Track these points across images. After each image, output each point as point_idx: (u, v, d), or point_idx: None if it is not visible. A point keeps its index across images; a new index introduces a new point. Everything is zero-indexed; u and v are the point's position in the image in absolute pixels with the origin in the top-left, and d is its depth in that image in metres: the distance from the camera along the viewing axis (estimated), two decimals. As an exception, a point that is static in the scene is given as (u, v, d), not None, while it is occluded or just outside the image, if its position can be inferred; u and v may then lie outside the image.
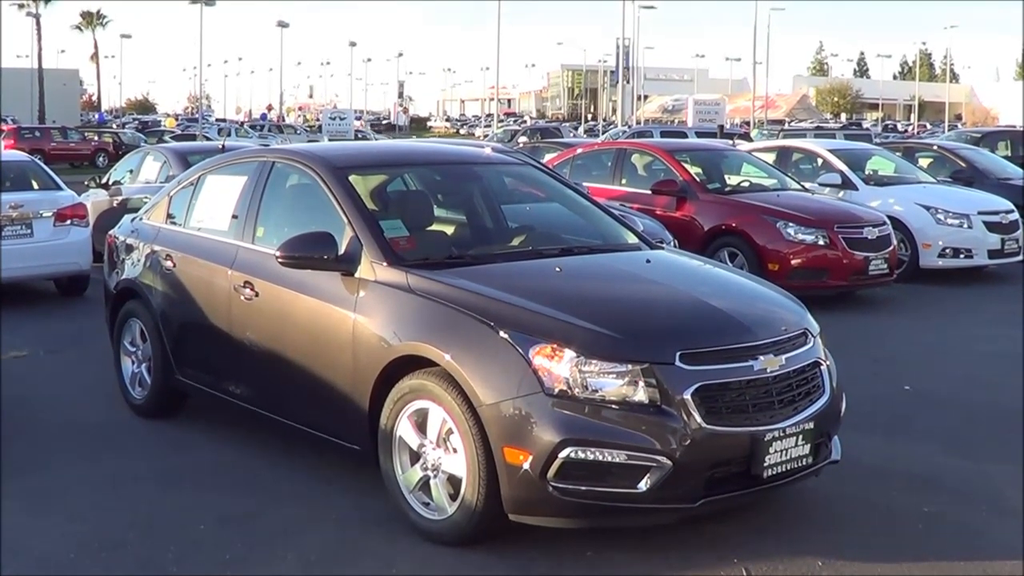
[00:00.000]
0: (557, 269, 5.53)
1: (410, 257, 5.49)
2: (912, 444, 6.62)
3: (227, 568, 4.80)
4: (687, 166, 12.95)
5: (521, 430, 4.59)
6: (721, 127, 40.05)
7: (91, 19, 78.46)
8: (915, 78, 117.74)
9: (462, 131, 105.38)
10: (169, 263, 6.87)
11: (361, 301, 5.36)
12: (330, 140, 59.35)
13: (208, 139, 48.67)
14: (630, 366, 4.60)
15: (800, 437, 4.88)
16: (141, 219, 7.60)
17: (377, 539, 5.08)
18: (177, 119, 74.84)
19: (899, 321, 11.10)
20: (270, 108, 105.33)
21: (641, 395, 4.59)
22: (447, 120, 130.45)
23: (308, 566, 4.82)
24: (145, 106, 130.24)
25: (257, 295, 6.01)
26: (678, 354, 4.66)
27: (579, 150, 15.07)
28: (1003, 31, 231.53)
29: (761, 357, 4.85)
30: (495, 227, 6.52)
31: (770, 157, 15.33)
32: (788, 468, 4.86)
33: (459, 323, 4.90)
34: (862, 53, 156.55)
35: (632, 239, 6.35)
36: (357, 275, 5.42)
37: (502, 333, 4.74)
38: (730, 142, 21.45)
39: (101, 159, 46.31)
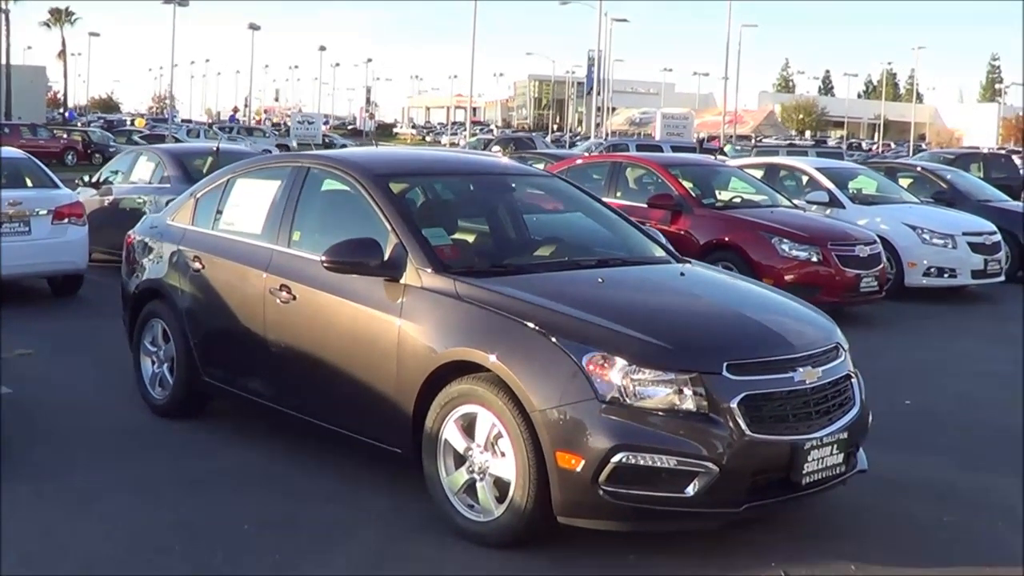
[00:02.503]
0: (599, 280, 5.69)
1: (456, 265, 5.63)
2: (922, 457, 6.82)
3: (279, 569, 4.89)
4: (682, 181, 13.15)
5: (574, 435, 4.73)
6: (701, 142, 40.39)
7: (60, 16, 77.98)
8: (880, 97, 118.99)
9: (428, 138, 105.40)
10: (197, 264, 6.95)
11: (407, 307, 5.48)
12: (299, 144, 59.35)
13: (177, 140, 48.52)
14: (680, 375, 4.77)
15: (835, 446, 5.07)
16: (164, 220, 7.66)
17: (422, 542, 5.19)
18: (146, 120, 74.30)
19: (890, 338, 11.34)
20: (236, 110, 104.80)
21: (690, 403, 4.75)
22: (413, 127, 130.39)
23: (358, 568, 4.93)
24: (109, 105, 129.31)
25: (295, 298, 6.11)
26: (725, 364, 4.84)
27: (578, 161, 15.25)
28: (967, 54, 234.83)
29: (800, 369, 5.04)
30: (526, 237, 6.66)
31: (757, 173, 15.57)
32: (824, 476, 5.05)
33: (511, 330, 5.04)
34: (828, 71, 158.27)
35: (659, 252, 6.52)
36: (403, 281, 5.54)
37: (555, 341, 4.89)
38: (713, 157, 21.71)
39: (70, 157, 46.02)
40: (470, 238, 6.39)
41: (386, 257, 5.61)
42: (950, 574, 5.03)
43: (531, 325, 5.01)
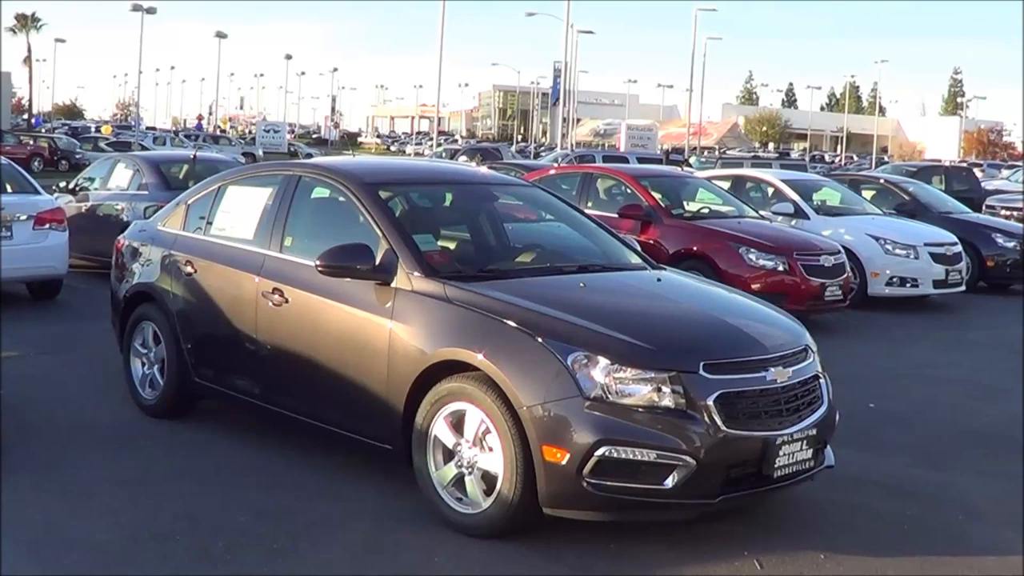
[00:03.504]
0: (581, 284, 5.98)
1: (444, 269, 5.90)
2: (884, 456, 7.15)
3: (278, 557, 5.14)
4: (651, 192, 13.46)
5: (559, 430, 5.01)
6: (667, 153, 40.82)
7: (26, 22, 77.60)
8: (843, 110, 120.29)
9: (392, 148, 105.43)
10: (189, 268, 7.17)
11: (397, 309, 5.74)
12: (264, 152, 59.40)
13: (143, 147, 48.43)
14: (659, 374, 5.06)
15: (804, 442, 5.38)
16: (155, 225, 7.88)
17: (412, 532, 5.44)
18: (113, 127, 74.03)
19: (853, 345, 11.68)
20: (201, 118, 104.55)
21: (668, 400, 5.04)
22: (378, 136, 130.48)
23: (356, 556, 5.18)
24: (73, 111, 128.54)
25: (287, 301, 6.35)
26: (702, 364, 5.14)
27: (551, 171, 15.56)
28: (929, 67, 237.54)
29: (772, 369, 5.35)
30: (508, 244, 6.95)
31: (724, 185, 15.91)
32: (794, 470, 5.36)
33: (499, 331, 5.32)
34: (791, 84, 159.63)
35: (635, 259, 6.82)
36: (393, 285, 5.80)
37: (541, 341, 5.17)
38: (680, 168, 22.08)
39: (36, 164, 45.82)
40: (456, 244, 6.66)
41: (377, 262, 5.87)
42: (913, 563, 5.34)
43: (518, 326, 5.28)
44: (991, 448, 7.56)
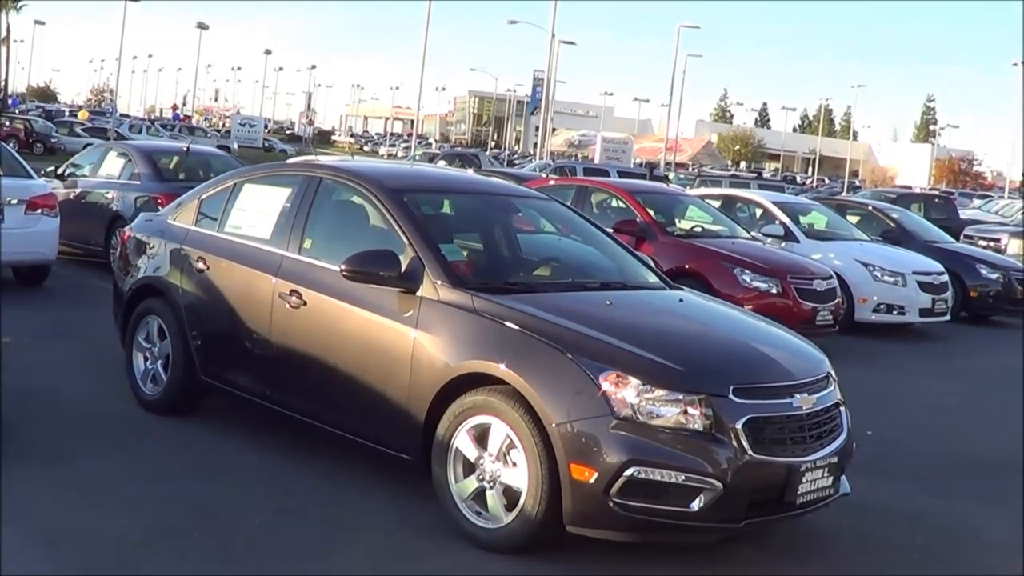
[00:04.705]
0: (608, 302, 5.98)
1: (470, 280, 5.89)
2: (888, 484, 7.19)
3: (299, 559, 5.11)
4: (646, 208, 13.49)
5: (588, 448, 5.00)
6: (651, 168, 40.85)
7: (4, 3, 76.78)
8: (817, 132, 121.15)
9: (366, 148, 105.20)
10: (201, 264, 7.11)
11: (423, 318, 5.71)
12: (239, 147, 59.02)
13: (119, 134, 48.10)
14: (689, 396, 5.07)
15: (826, 470, 5.41)
16: (165, 219, 7.81)
17: (432, 540, 5.42)
18: (89, 112, 73.36)
19: (842, 371, 11.50)
20: (176, 108, 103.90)
21: (698, 423, 5.05)
22: (352, 136, 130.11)
23: (377, 560, 5.16)
24: (47, 94, 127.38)
25: (305, 304, 6.30)
26: (731, 388, 5.15)
27: (551, 182, 15.57)
28: (902, 92, 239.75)
29: (797, 395, 5.37)
30: (526, 256, 6.93)
31: (714, 204, 15.97)
32: (815, 497, 5.39)
33: (529, 346, 5.31)
34: (765, 104, 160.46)
35: (652, 278, 6.82)
36: (419, 294, 5.78)
37: (572, 358, 5.16)
38: (664, 184, 22.15)
39: (12, 146, 45.23)
40: (476, 254, 6.64)
41: (403, 269, 5.84)
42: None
43: (549, 342, 5.27)
44: (992, 477, 7.64)
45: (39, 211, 12.10)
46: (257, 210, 7.03)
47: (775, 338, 6.05)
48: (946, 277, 14.71)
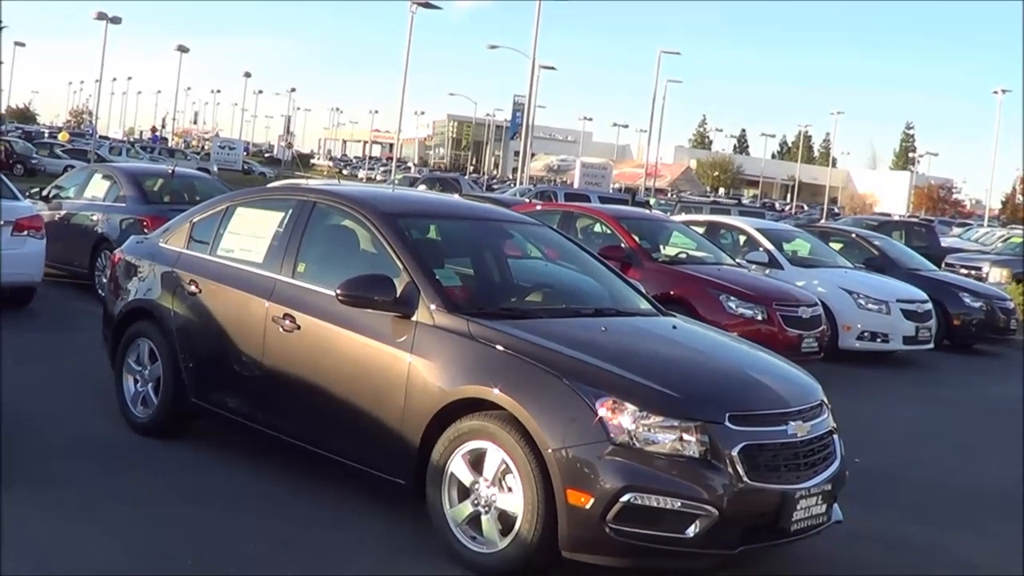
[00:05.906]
0: (603, 328, 6.00)
1: (466, 306, 5.90)
2: (877, 512, 7.22)
3: (293, 584, 5.09)
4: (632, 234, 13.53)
5: (585, 474, 5.01)
6: (633, 194, 40.91)
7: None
8: (796, 159, 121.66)
9: (345, 171, 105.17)
10: (193, 287, 7.09)
11: (418, 343, 5.72)
12: (219, 169, 58.92)
13: (100, 156, 47.95)
14: (685, 423, 5.08)
15: (820, 497, 5.43)
16: (156, 242, 7.79)
17: (426, 566, 5.42)
18: (69, 134, 73.11)
19: (831, 399, 11.77)
20: (155, 130, 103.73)
21: (693, 449, 5.06)
22: (331, 159, 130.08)
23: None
24: (26, 115, 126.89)
25: (298, 328, 6.30)
26: (728, 415, 5.17)
27: (537, 207, 15.62)
28: (881, 120, 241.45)
29: (792, 423, 5.40)
30: (515, 282, 6.95)
31: (699, 230, 16.03)
32: (809, 524, 5.41)
33: (526, 371, 5.32)
34: (744, 130, 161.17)
35: (644, 304, 6.85)
36: (414, 318, 5.78)
37: (568, 384, 5.18)
38: (646, 210, 22.22)
39: (-8, 166, 45.14)
40: (470, 280, 6.65)
41: (398, 294, 5.85)
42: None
43: (545, 368, 5.29)
44: (979, 506, 7.68)
45: (25, 232, 12.07)
46: (250, 234, 7.03)
47: (769, 365, 6.09)
48: (930, 305, 14.80)
